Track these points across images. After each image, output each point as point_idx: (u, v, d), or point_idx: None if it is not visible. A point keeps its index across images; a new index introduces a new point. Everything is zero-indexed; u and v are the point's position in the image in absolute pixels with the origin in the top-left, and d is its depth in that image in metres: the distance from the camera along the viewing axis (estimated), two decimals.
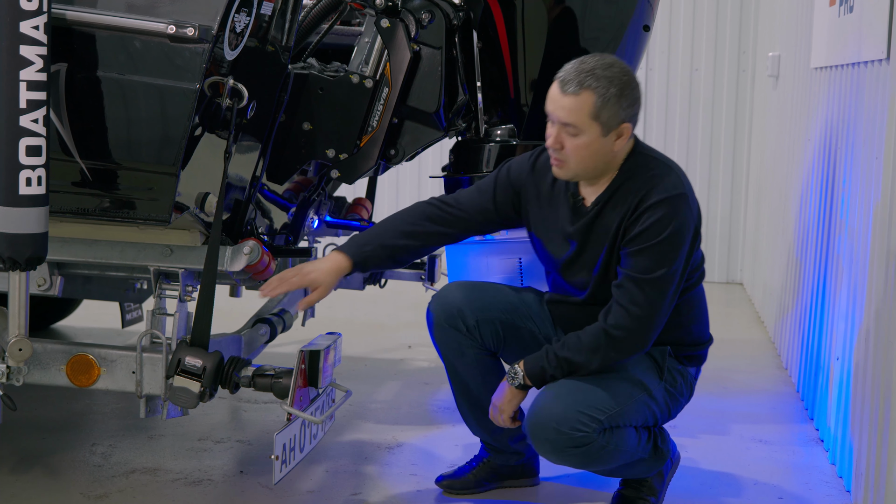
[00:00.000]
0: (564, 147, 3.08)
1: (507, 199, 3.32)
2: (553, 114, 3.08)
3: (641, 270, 3.08)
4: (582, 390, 3.10)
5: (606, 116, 3.03)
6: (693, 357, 3.36)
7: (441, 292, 3.40)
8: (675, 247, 3.08)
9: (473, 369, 3.37)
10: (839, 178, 4.13)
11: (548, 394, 3.13)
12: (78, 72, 2.96)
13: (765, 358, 5.55)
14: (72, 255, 3.37)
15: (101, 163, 3.02)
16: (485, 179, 3.38)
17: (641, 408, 3.20)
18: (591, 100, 3.02)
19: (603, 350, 3.11)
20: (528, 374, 3.19)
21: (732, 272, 7.80)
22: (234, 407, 4.38)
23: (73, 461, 3.72)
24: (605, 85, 3.02)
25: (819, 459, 3.96)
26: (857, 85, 3.88)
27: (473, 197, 3.34)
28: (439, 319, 3.37)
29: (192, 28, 2.91)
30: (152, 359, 3.23)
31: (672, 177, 3.13)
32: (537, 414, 3.10)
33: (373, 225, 3.39)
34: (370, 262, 3.29)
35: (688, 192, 3.13)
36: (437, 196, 3.39)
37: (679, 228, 3.08)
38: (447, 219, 3.32)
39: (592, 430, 3.07)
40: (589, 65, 3.05)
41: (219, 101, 3.05)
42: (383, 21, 3.66)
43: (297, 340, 4.69)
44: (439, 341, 3.39)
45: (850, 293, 3.79)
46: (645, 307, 3.08)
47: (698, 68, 7.69)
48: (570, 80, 3.03)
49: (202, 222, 3.23)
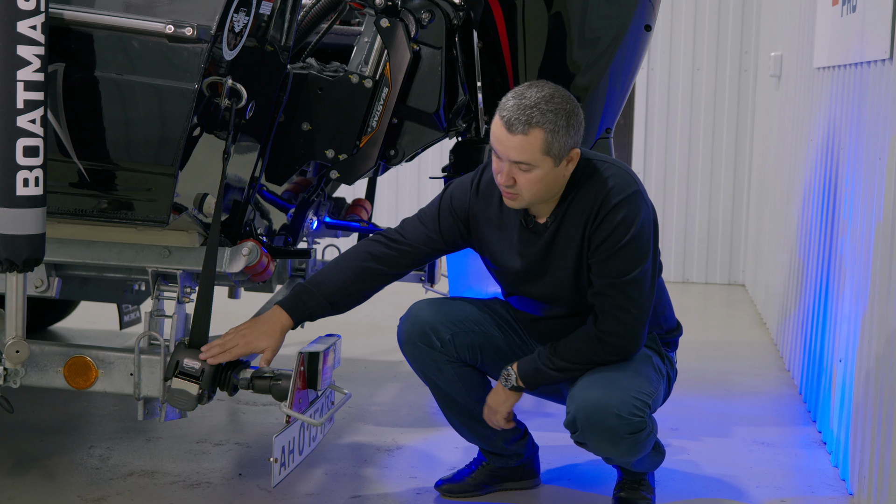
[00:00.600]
0: (517, 183, 3.07)
1: (453, 228, 3.30)
2: (503, 154, 3.04)
3: (619, 274, 3.10)
4: (625, 377, 3.13)
5: (557, 148, 3.02)
6: (671, 343, 3.43)
7: (409, 312, 3.38)
8: (643, 243, 3.12)
9: (455, 382, 3.37)
10: (842, 179, 4.13)
11: (592, 383, 3.13)
12: (75, 72, 2.96)
13: (767, 360, 5.55)
14: (69, 257, 3.37)
15: (98, 163, 3.02)
16: (427, 209, 3.34)
17: (661, 392, 3.27)
18: (540, 136, 3.00)
19: (599, 355, 3.15)
20: (521, 376, 3.23)
21: (734, 273, 7.80)
22: (232, 409, 4.38)
23: (70, 464, 3.71)
24: (552, 119, 3.00)
25: (822, 462, 3.96)
26: (860, 85, 3.88)
27: (418, 228, 3.31)
28: (412, 338, 3.34)
29: (190, 28, 2.91)
30: (150, 361, 3.23)
31: (622, 175, 3.15)
32: (593, 402, 3.09)
33: (324, 267, 3.34)
34: (314, 315, 3.29)
35: (640, 187, 3.16)
36: (381, 232, 3.36)
37: (643, 224, 3.11)
38: (393, 255, 3.29)
39: (646, 414, 3.12)
40: (531, 99, 3.01)
41: (217, 102, 3.05)
42: (383, 21, 3.66)
43: (295, 342, 4.69)
44: (414, 360, 3.38)
45: (853, 295, 3.79)
46: (632, 308, 3.11)
47: (700, 68, 7.69)
48: (516, 120, 2.99)
49: (200, 223, 3.23)
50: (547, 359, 3.19)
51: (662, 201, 7.74)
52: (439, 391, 3.42)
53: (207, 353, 3.15)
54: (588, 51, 3.97)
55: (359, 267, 3.28)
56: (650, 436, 3.17)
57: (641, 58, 4.11)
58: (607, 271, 3.12)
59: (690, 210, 7.77)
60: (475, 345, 3.35)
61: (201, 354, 3.16)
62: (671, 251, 7.75)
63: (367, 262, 3.28)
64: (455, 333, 3.33)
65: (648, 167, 7.78)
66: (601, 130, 4.07)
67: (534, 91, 3.03)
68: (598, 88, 4.01)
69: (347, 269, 3.28)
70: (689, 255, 7.81)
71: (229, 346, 3.18)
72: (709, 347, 5.82)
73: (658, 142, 7.78)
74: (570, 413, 3.15)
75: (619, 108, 4.14)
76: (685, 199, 7.77)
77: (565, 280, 3.20)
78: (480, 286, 4.13)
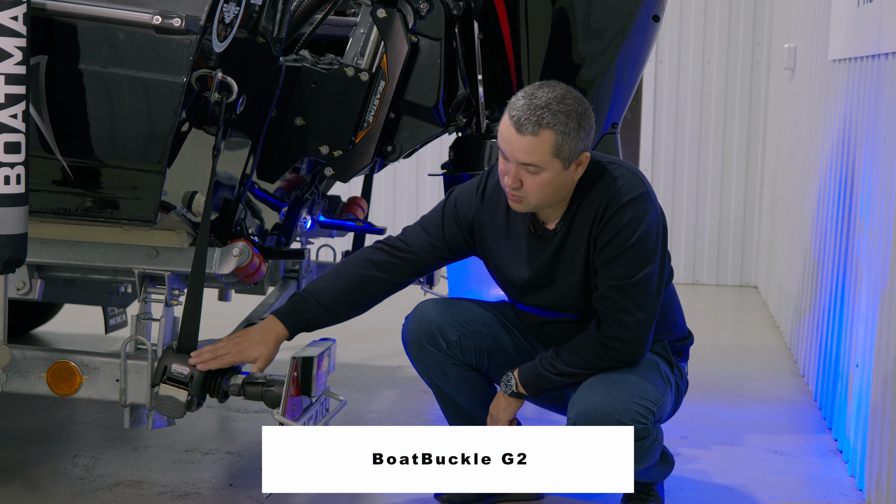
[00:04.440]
0: (524, 185, 3.08)
1: (458, 235, 3.31)
2: (511, 155, 3.05)
3: (623, 276, 3.12)
4: (629, 382, 3.13)
5: (567, 151, 3.04)
6: (682, 352, 3.44)
7: (416, 311, 3.39)
8: (650, 245, 3.13)
9: (460, 387, 3.38)
10: (858, 176, 4.13)
11: (594, 388, 3.14)
12: (59, 65, 2.96)
13: (781, 365, 5.55)
14: (53, 258, 3.37)
15: (83, 160, 3.02)
16: (430, 216, 3.34)
17: (668, 400, 3.27)
18: (551, 138, 3.02)
19: (603, 361, 3.16)
20: (522, 382, 3.24)
21: (746, 275, 7.81)
22: (223, 417, 4.38)
23: (53, 474, 3.71)
24: (563, 121, 3.01)
25: (837, 471, 3.96)
26: (878, 78, 3.88)
27: (421, 236, 3.32)
28: (417, 338, 3.36)
29: (178, 19, 2.91)
30: (137, 366, 3.23)
31: (630, 177, 3.16)
32: (594, 407, 3.10)
33: (322, 275, 3.34)
34: (311, 326, 3.29)
35: (649, 189, 3.18)
36: (382, 240, 3.36)
37: (650, 226, 3.13)
38: (396, 263, 3.30)
39: (650, 421, 3.12)
40: (541, 99, 3.02)
41: (207, 96, 3.05)
42: (379, 11, 3.66)
43: (289, 347, 4.69)
44: (419, 361, 3.39)
45: (871, 297, 3.79)
46: (636, 312, 3.12)
47: (710, 61, 7.70)
48: (526, 120, 3.01)
49: (189, 223, 3.23)
50: (549, 364, 3.20)
51: (671, 200, 7.75)
52: (443, 395, 3.42)
53: (197, 358, 3.16)
54: (594, 42, 3.97)
55: (360, 275, 3.29)
56: (655, 444, 3.17)
57: (649, 50, 4.12)
58: (612, 273, 3.13)
59: (700, 209, 7.78)
60: (482, 348, 3.36)
61: (191, 359, 3.16)
62: (680, 251, 7.75)
63: (369, 270, 3.29)
64: (462, 335, 3.34)
65: (656, 164, 7.79)
66: (607, 125, 4.08)
67: (545, 91, 3.04)
68: (605, 82, 4.01)
69: (348, 277, 3.29)
70: (700, 256, 7.82)
71: (220, 353, 3.18)
72: (720, 352, 5.82)
73: (666, 137, 7.78)
74: (570, 419, 3.16)
75: (626, 103, 4.14)
76: (695, 197, 7.78)
77: (574, 286, 3.21)
78: (481, 288, 4.14)
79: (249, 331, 3.26)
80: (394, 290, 3.35)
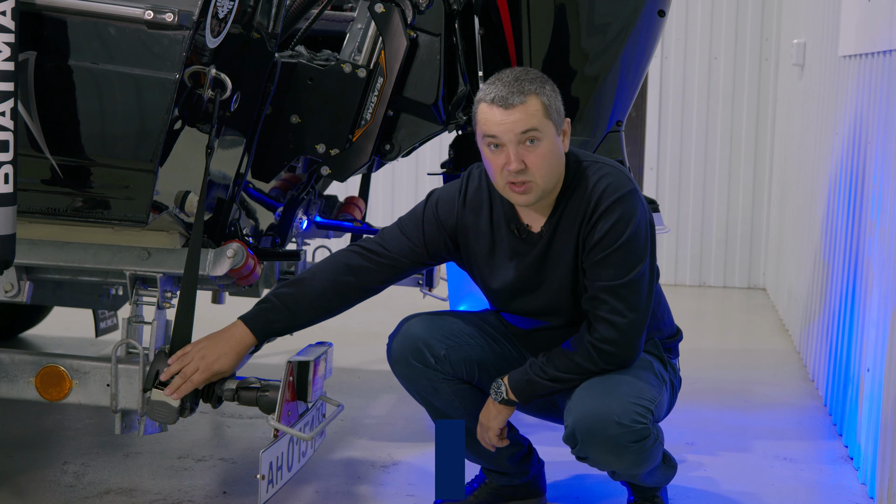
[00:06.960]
0: (527, 164, 3.08)
1: (439, 239, 3.30)
2: (507, 133, 3.07)
3: (613, 277, 3.12)
4: (624, 382, 3.14)
5: (555, 112, 3.12)
6: (672, 349, 3.45)
7: (400, 329, 3.37)
8: (639, 244, 3.15)
9: (452, 401, 3.37)
10: (869, 175, 4.13)
11: (589, 391, 3.14)
12: (48, 61, 2.97)
13: (789, 369, 5.55)
14: (41, 259, 3.37)
15: (73, 159, 3.02)
16: (408, 217, 3.34)
17: (665, 399, 3.28)
18: (538, 101, 3.09)
19: (595, 364, 3.16)
20: (512, 388, 3.23)
21: (754, 276, 7.81)
22: (216, 422, 4.38)
23: (42, 481, 3.72)
24: (540, 84, 3.11)
25: (848, 478, 3.96)
26: (889, 74, 3.88)
27: (400, 240, 3.31)
28: (404, 356, 3.33)
29: (171, 13, 2.91)
30: (128, 370, 3.23)
31: (616, 175, 3.18)
32: (591, 411, 3.10)
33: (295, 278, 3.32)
34: (280, 334, 3.29)
35: (636, 187, 3.20)
36: (358, 242, 3.35)
37: (639, 224, 3.14)
38: (370, 268, 3.29)
39: (649, 421, 3.12)
40: (510, 76, 3.11)
41: (200, 93, 3.05)
42: (377, 6, 3.66)
43: (284, 351, 4.69)
44: (407, 379, 3.37)
45: (882, 299, 3.79)
46: (627, 314, 3.13)
47: (717, 56, 7.70)
48: (509, 93, 3.07)
49: (182, 223, 3.23)
50: (539, 369, 3.19)
51: (677, 199, 7.75)
52: (435, 411, 3.42)
53: (170, 389, 3.15)
54: (597, 37, 3.97)
55: (335, 280, 3.28)
56: (656, 444, 3.17)
57: (655, 45, 4.12)
58: (602, 275, 3.13)
59: (707, 209, 7.78)
60: (472, 359, 3.35)
61: (165, 390, 3.14)
62: (687, 253, 7.76)
63: (345, 276, 3.28)
64: (450, 348, 3.33)
65: (662, 163, 7.79)
66: (612, 123, 4.08)
67: (506, 73, 3.14)
68: (609, 78, 4.02)
69: (323, 282, 3.28)
70: (707, 257, 7.82)
71: (189, 373, 3.16)
72: (727, 355, 5.83)
73: (672, 136, 7.78)
74: (568, 426, 3.16)
75: (631, 100, 4.14)
76: (702, 197, 7.78)
77: (562, 290, 3.22)
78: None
79: (216, 339, 3.22)
80: (369, 296, 3.35)
